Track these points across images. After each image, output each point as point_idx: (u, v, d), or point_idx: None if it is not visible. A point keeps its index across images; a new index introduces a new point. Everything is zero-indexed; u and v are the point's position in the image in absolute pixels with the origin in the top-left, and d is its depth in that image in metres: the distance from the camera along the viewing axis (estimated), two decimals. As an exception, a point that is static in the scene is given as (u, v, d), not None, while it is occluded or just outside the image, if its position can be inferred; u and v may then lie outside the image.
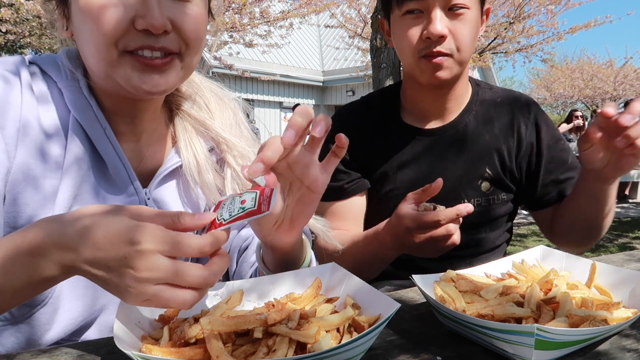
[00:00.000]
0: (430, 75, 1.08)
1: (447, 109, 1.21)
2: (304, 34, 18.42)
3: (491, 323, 0.57)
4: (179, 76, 0.75)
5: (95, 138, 0.76)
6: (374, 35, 4.54)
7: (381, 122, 1.24)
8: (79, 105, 0.75)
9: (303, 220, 0.70)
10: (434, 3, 1.04)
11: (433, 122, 1.22)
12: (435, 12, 1.04)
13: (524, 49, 9.85)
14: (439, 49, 1.05)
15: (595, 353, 0.60)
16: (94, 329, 0.80)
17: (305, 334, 0.53)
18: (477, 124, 1.21)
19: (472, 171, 1.18)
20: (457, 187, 1.18)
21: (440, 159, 1.20)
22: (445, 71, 1.08)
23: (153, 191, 0.83)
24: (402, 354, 0.60)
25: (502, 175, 1.20)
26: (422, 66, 1.08)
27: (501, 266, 0.83)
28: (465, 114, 1.22)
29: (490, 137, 1.20)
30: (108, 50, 0.68)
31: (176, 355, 0.52)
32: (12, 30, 6.97)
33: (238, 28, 7.64)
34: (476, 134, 1.20)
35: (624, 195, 8.17)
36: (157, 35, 0.69)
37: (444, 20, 1.04)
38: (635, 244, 4.98)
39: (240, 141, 0.90)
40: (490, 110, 1.22)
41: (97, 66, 0.72)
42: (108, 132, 0.77)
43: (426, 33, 1.04)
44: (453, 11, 1.05)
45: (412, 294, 0.83)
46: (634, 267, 0.97)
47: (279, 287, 0.71)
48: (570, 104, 21.02)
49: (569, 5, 9.48)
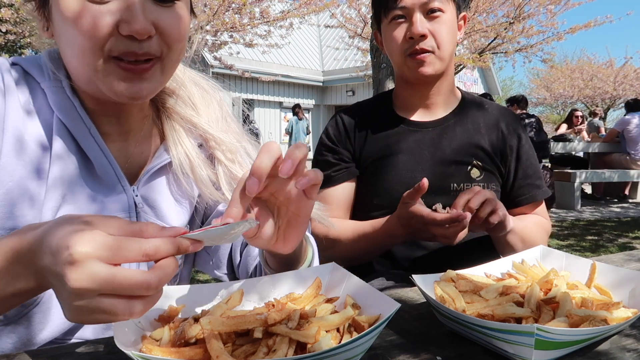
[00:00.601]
0: (416, 70, 1.25)
1: (433, 104, 1.35)
2: (304, 34, 18.42)
3: (491, 323, 0.57)
4: (159, 80, 0.74)
5: (80, 138, 0.75)
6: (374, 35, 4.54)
7: (374, 115, 1.39)
8: (62, 106, 0.75)
9: (297, 237, 0.68)
10: (414, 9, 1.23)
11: (422, 115, 1.36)
12: (416, 16, 1.22)
13: (523, 49, 9.85)
14: (422, 46, 1.23)
15: (595, 353, 0.60)
16: (89, 327, 0.80)
17: (305, 334, 0.53)
18: (466, 122, 1.35)
19: (460, 158, 1.30)
20: (446, 171, 1.30)
21: (429, 147, 1.32)
22: (429, 67, 1.25)
23: (141, 189, 0.83)
24: (402, 354, 0.61)
25: (490, 167, 1.31)
26: (409, 63, 1.26)
27: (501, 266, 0.83)
28: (456, 113, 1.36)
29: (477, 134, 1.33)
30: (94, 55, 0.68)
31: (176, 355, 0.52)
32: (12, 30, 6.98)
33: (238, 28, 7.63)
34: (464, 130, 1.33)
35: (624, 195, 8.17)
36: (141, 40, 0.68)
37: (424, 22, 1.23)
38: (635, 244, 4.98)
39: (229, 135, 0.89)
40: (477, 113, 1.38)
41: (81, 70, 0.71)
42: (93, 132, 0.76)
43: (409, 33, 1.23)
44: (431, 14, 1.23)
45: (412, 294, 0.83)
46: (634, 267, 0.97)
47: (279, 287, 0.71)
48: (570, 104, 21.03)
49: (568, 5, 9.48)
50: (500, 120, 1.36)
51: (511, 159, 1.33)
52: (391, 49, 1.29)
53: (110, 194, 0.79)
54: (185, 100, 0.89)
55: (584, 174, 7.09)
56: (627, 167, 7.47)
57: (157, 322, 0.62)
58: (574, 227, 5.81)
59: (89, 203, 0.77)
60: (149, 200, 0.84)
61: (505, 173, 1.34)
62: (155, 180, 0.85)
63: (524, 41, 9.78)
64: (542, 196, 1.35)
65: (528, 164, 1.34)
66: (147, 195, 0.84)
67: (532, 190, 1.34)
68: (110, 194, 0.79)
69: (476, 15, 8.62)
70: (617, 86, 19.13)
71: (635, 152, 7.36)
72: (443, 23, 1.24)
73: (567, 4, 9.41)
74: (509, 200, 1.34)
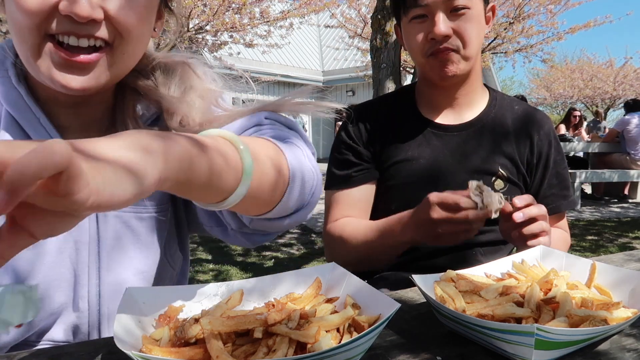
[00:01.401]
0: (440, 70, 1.15)
1: (460, 106, 1.26)
2: (304, 34, 18.43)
3: (491, 323, 0.57)
4: (105, 75, 0.69)
5: (30, 130, 0.71)
6: (374, 35, 4.54)
7: (396, 114, 1.29)
8: (9, 97, 0.70)
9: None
10: (436, 8, 1.11)
11: (448, 117, 1.26)
12: (438, 16, 1.11)
13: (523, 49, 9.86)
14: (445, 45, 1.12)
15: (595, 353, 0.60)
16: (59, 330, 0.77)
17: (305, 334, 0.53)
18: (494, 126, 1.25)
19: (486, 167, 1.22)
20: (470, 180, 1.19)
21: (453, 153, 1.23)
22: (453, 65, 1.14)
23: None
24: (402, 354, 0.61)
25: (515, 179, 1.23)
26: (431, 63, 1.16)
27: (501, 266, 0.83)
28: (483, 116, 1.26)
29: (505, 141, 1.24)
30: (31, 34, 0.63)
31: (176, 355, 0.52)
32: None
33: (238, 28, 7.63)
34: (492, 136, 1.24)
35: (624, 195, 8.17)
36: (85, 23, 0.63)
37: (447, 22, 1.12)
38: (635, 244, 4.98)
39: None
40: (507, 116, 1.27)
41: (22, 52, 0.67)
42: (43, 122, 0.71)
43: (431, 34, 1.12)
44: (455, 12, 1.12)
45: (412, 294, 0.83)
46: (634, 267, 0.97)
47: (279, 287, 0.71)
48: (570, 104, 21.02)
49: (568, 5, 9.48)
50: (530, 125, 1.26)
51: (539, 168, 1.25)
52: (412, 49, 1.20)
53: None
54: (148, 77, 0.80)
55: (584, 174, 7.09)
56: (627, 167, 7.47)
57: (157, 322, 0.62)
58: (574, 227, 5.81)
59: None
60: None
61: (531, 183, 1.25)
62: None
63: (524, 41, 9.80)
64: (567, 207, 1.27)
65: (554, 173, 1.26)
66: None
67: (557, 201, 1.25)
68: None
69: (476, 15, 8.61)
70: (617, 86, 19.12)
71: (635, 152, 7.36)
72: (469, 20, 1.13)
73: (567, 4, 9.42)
74: None
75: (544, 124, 1.28)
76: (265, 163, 0.59)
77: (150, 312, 0.62)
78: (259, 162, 0.58)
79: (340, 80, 17.32)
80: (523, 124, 1.26)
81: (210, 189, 0.52)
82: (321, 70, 18.29)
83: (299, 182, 0.66)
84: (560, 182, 1.27)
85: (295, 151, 0.68)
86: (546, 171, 1.25)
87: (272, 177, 0.60)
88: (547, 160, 1.25)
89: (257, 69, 13.82)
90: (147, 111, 0.82)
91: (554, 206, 1.24)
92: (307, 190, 0.69)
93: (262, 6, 7.81)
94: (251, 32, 8.24)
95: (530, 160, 1.25)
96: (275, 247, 4.72)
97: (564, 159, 1.30)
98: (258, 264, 4.16)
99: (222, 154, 0.52)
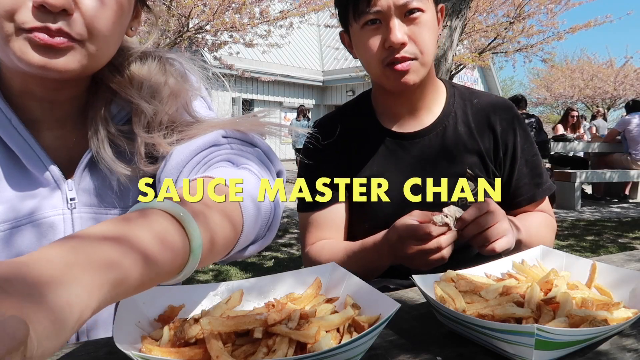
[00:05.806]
0: (397, 81, 1.10)
1: (418, 110, 1.22)
2: (304, 34, 18.43)
3: (491, 323, 0.57)
4: (81, 62, 0.67)
5: (2, 130, 0.69)
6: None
7: (357, 126, 1.25)
8: None
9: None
10: (390, 12, 1.05)
11: (409, 124, 1.23)
12: (393, 21, 1.05)
13: (524, 48, 9.84)
14: (403, 54, 1.07)
15: (595, 353, 0.60)
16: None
17: (305, 334, 0.53)
18: (456, 125, 1.22)
19: (454, 170, 1.19)
20: (438, 187, 1.18)
21: (419, 161, 1.20)
22: (412, 75, 1.09)
23: (82, 182, 0.76)
24: (402, 354, 0.60)
25: (485, 175, 1.20)
26: (388, 74, 1.10)
27: (501, 266, 0.83)
28: (443, 117, 1.23)
29: (468, 138, 1.21)
30: (2, 24, 0.62)
31: (176, 355, 0.52)
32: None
33: (238, 28, 7.63)
34: (455, 136, 1.21)
35: (624, 195, 8.17)
36: (56, 14, 0.62)
37: (402, 28, 1.06)
38: (635, 244, 4.98)
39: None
40: (468, 112, 1.24)
41: None
42: (14, 122, 0.70)
43: (387, 42, 1.06)
44: (409, 16, 1.07)
45: (412, 294, 0.83)
46: (634, 267, 0.97)
47: (279, 287, 0.71)
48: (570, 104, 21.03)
49: (569, 5, 9.48)
50: (491, 115, 1.21)
51: (507, 160, 1.21)
52: (366, 58, 1.13)
53: (44, 189, 0.72)
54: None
55: (584, 174, 7.09)
56: (628, 167, 7.47)
57: (157, 322, 0.62)
58: (574, 227, 5.81)
59: (19, 201, 0.71)
60: (91, 195, 0.76)
61: (502, 175, 1.23)
62: (97, 170, 0.77)
63: (524, 41, 9.78)
64: (542, 195, 1.25)
65: (523, 162, 1.22)
66: (88, 188, 0.76)
67: (530, 190, 1.23)
68: (44, 189, 0.72)
69: (476, 15, 8.61)
70: (617, 86, 19.13)
71: (636, 152, 7.36)
72: (424, 25, 1.08)
73: (567, 4, 9.41)
74: (508, 202, 1.24)
75: (505, 113, 1.23)
76: (216, 227, 0.54)
77: (150, 312, 0.62)
78: (209, 229, 0.52)
79: (340, 80, 17.32)
80: (483, 117, 1.22)
81: (151, 284, 0.45)
82: (321, 70, 18.30)
83: (252, 223, 0.62)
84: (532, 169, 1.23)
85: (250, 184, 0.64)
86: (514, 161, 1.22)
87: (225, 236, 0.56)
88: (514, 150, 1.21)
89: (257, 68, 13.83)
90: (121, 111, 0.80)
91: (528, 196, 1.23)
92: (261, 227, 0.66)
93: (261, 6, 7.80)
94: (251, 32, 8.23)
95: (497, 154, 1.21)
96: (275, 247, 4.73)
97: (533, 145, 1.26)
98: (258, 264, 4.16)
99: (161, 242, 0.46)
